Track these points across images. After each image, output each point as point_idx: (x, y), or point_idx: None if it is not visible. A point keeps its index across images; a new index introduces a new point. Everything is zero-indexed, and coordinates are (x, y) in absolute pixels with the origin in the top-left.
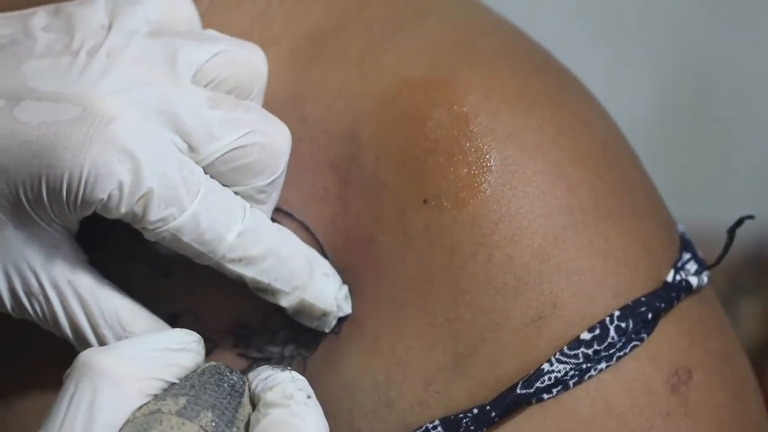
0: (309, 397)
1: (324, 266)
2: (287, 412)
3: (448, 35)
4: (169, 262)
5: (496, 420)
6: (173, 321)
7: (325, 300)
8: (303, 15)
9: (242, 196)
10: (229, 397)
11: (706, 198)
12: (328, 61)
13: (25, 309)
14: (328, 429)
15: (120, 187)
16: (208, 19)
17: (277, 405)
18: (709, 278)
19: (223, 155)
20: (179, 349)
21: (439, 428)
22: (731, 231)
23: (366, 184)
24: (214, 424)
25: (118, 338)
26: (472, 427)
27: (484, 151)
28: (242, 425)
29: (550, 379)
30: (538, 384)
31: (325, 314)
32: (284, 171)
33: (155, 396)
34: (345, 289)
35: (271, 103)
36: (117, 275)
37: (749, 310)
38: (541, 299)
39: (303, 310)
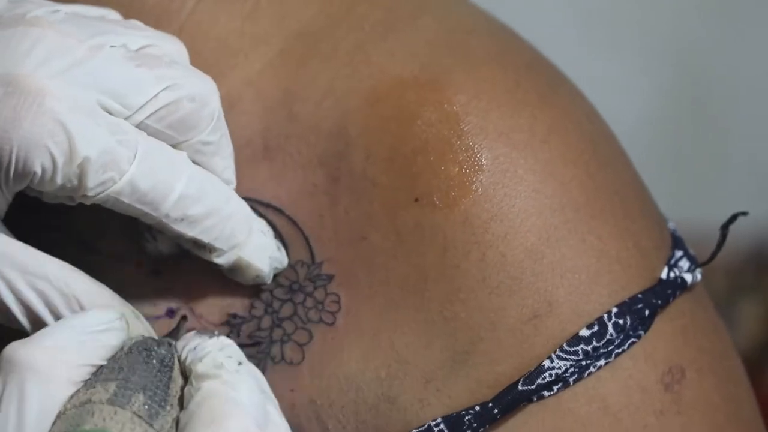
0: (240, 363)
1: (261, 224)
2: (219, 383)
3: (439, 35)
4: (157, 262)
5: (498, 417)
6: (171, 315)
7: (260, 259)
8: (293, 13)
9: (190, 153)
10: (159, 374)
11: (704, 197)
12: (319, 60)
13: None
14: (266, 392)
15: (53, 159)
16: (197, 17)
17: (209, 376)
18: (702, 275)
19: (154, 112)
20: (103, 330)
21: (442, 426)
22: (724, 228)
23: (355, 182)
24: (146, 406)
25: (62, 297)
26: (475, 424)
27: (475, 150)
28: (175, 401)
29: (551, 375)
30: (539, 380)
31: (258, 274)
32: (224, 123)
33: (85, 383)
34: (278, 244)
35: (260, 101)
36: (108, 277)
37: (749, 310)
38: (536, 297)
39: (238, 268)
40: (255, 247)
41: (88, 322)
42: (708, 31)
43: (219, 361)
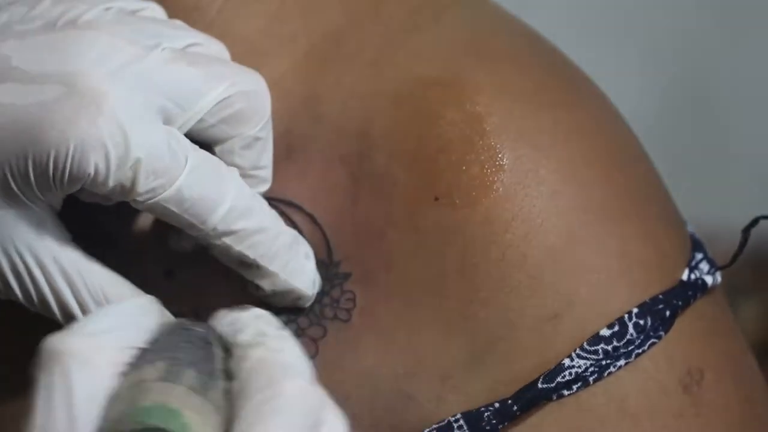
0: (279, 329)
1: (305, 247)
2: (265, 349)
3: (462, 36)
4: (171, 262)
5: (517, 414)
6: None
7: (304, 281)
8: (319, 13)
9: (239, 149)
10: (202, 350)
11: (704, 197)
12: (343, 60)
13: (12, 289)
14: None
15: (107, 160)
16: (225, 16)
17: (254, 344)
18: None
19: (209, 110)
20: (140, 314)
21: (461, 422)
22: (746, 231)
23: (376, 181)
24: (198, 380)
25: (100, 305)
26: (494, 421)
27: (497, 150)
28: (221, 373)
29: (570, 374)
30: (559, 379)
31: (300, 297)
32: (271, 122)
33: (130, 366)
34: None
35: (285, 101)
36: (121, 273)
37: (749, 310)
38: (556, 298)
39: (281, 290)
40: (299, 269)
41: (125, 307)
42: (708, 31)
43: (260, 329)
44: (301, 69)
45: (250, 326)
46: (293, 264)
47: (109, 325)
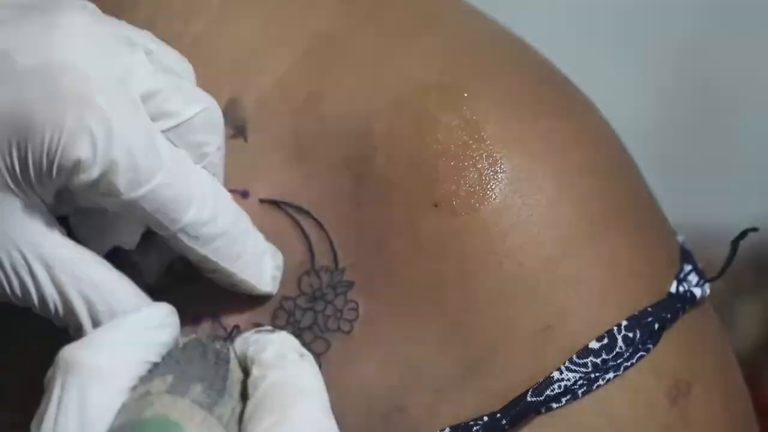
0: (302, 355)
1: (265, 245)
2: (284, 372)
3: (458, 44)
4: (188, 267)
5: (506, 428)
6: (197, 322)
7: (264, 281)
8: (317, 16)
9: (207, 161)
10: (216, 366)
11: (705, 199)
12: (342, 61)
13: (11, 288)
14: (323, 382)
15: (94, 147)
16: (219, 20)
17: (274, 366)
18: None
19: (188, 120)
20: (157, 327)
21: None
22: (735, 242)
23: (377, 185)
24: (205, 395)
25: (105, 305)
26: None
27: (495, 158)
28: (235, 392)
29: (560, 387)
30: (548, 392)
31: (260, 294)
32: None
33: (141, 379)
34: (279, 261)
35: (289, 101)
36: (137, 280)
37: (749, 310)
38: (549, 309)
39: (241, 289)
40: (260, 268)
41: (141, 319)
42: (708, 32)
43: (283, 352)
44: (302, 69)
45: (274, 347)
46: (253, 264)
47: (126, 338)
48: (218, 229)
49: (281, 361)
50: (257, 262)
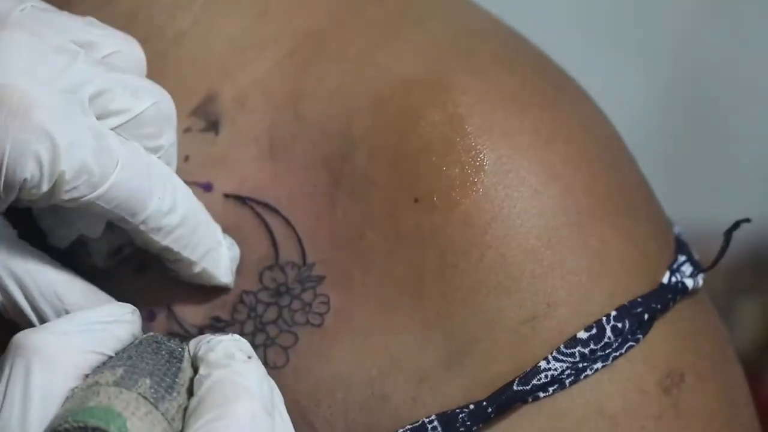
0: (249, 357)
1: (221, 236)
2: (229, 371)
3: (445, 38)
4: (143, 259)
5: (492, 416)
6: (152, 318)
7: (222, 272)
8: (303, 13)
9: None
10: (167, 363)
11: (705, 198)
12: (326, 60)
13: None
14: (272, 387)
15: (40, 166)
16: (206, 16)
17: (219, 365)
18: (704, 281)
19: (134, 117)
20: (112, 321)
21: (436, 423)
22: (728, 234)
23: (356, 182)
24: (152, 390)
25: (57, 312)
26: (468, 423)
27: (478, 151)
28: (183, 390)
29: (546, 377)
30: (534, 381)
31: (218, 283)
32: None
33: (93, 370)
34: (236, 254)
35: (269, 100)
36: (95, 271)
37: (748, 310)
38: (534, 299)
39: (200, 279)
40: (219, 257)
41: (99, 313)
42: (708, 31)
43: (231, 352)
44: (284, 68)
45: (222, 347)
46: (213, 254)
47: (80, 327)
48: (178, 218)
49: (228, 360)
50: (215, 252)
